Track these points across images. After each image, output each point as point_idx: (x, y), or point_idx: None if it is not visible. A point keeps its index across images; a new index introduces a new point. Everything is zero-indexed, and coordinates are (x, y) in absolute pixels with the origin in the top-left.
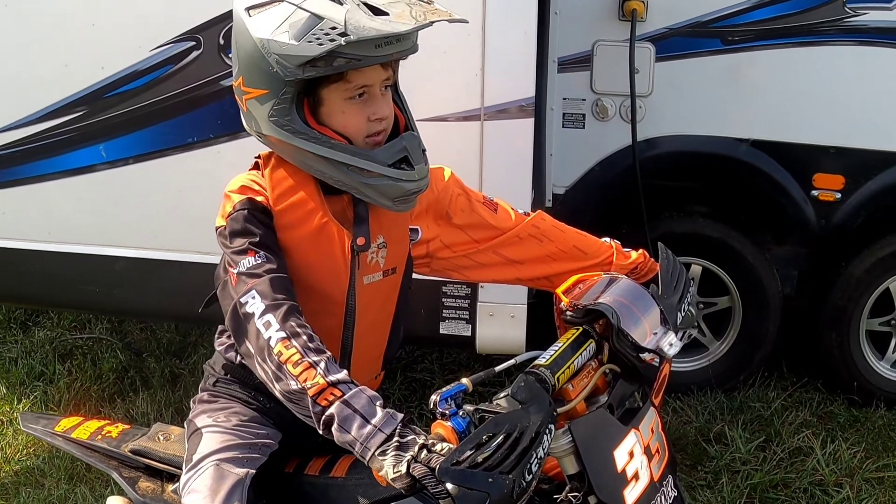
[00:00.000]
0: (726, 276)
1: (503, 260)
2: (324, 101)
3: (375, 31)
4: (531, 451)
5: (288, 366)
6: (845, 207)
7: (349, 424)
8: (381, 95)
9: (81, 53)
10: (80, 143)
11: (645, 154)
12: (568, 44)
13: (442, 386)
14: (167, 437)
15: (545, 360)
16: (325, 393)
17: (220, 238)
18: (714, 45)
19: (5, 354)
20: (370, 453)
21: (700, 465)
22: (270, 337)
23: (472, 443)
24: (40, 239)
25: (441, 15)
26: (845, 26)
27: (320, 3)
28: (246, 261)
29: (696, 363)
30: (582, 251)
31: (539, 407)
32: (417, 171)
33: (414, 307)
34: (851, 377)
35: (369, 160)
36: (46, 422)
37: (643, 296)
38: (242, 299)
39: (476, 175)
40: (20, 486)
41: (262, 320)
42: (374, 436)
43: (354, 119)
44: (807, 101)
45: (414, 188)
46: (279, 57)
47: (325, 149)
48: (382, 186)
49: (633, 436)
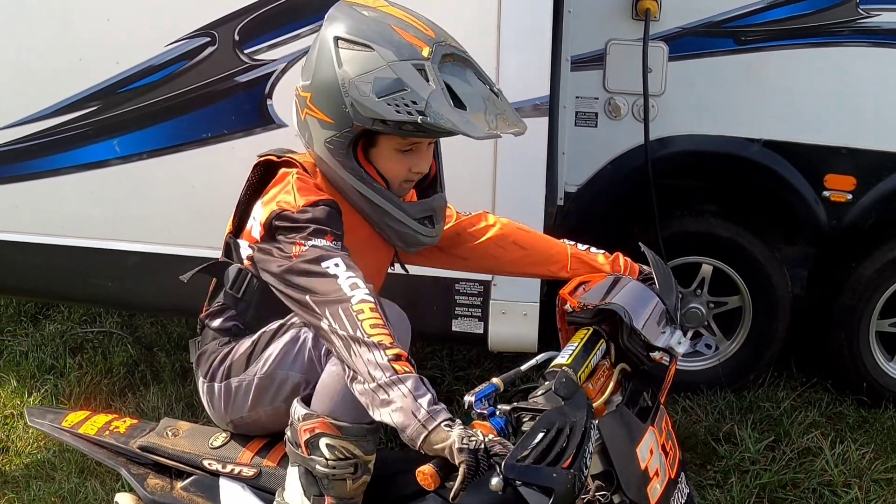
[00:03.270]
0: (737, 276)
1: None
2: (377, 145)
3: (451, 125)
4: (584, 446)
5: (364, 324)
6: (856, 208)
7: (421, 395)
8: (426, 150)
9: (96, 48)
10: (94, 138)
11: (657, 153)
12: (581, 42)
13: (452, 382)
14: (175, 432)
15: (566, 360)
16: (403, 362)
17: (281, 220)
18: (727, 44)
19: (16, 348)
20: (435, 423)
21: (709, 465)
22: (354, 296)
23: (532, 439)
24: (53, 233)
25: (510, 128)
26: (858, 27)
27: (409, 73)
28: (323, 241)
29: (705, 362)
30: (521, 247)
31: (579, 403)
32: (437, 230)
33: (426, 304)
34: (861, 378)
35: (401, 210)
36: (54, 416)
37: (649, 296)
38: (324, 263)
39: (490, 174)
40: (31, 480)
41: (347, 282)
42: (441, 412)
43: (398, 167)
44: (819, 102)
45: (428, 242)
46: (356, 102)
47: (365, 187)
48: (403, 233)
49: (652, 434)
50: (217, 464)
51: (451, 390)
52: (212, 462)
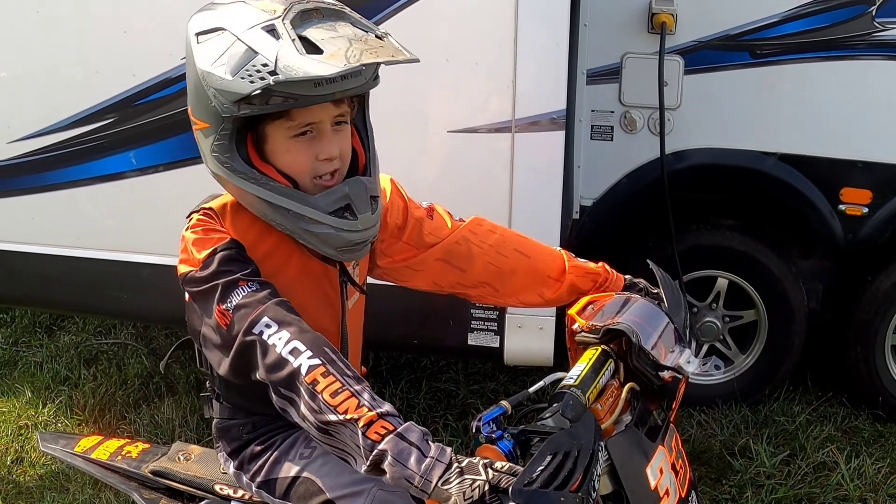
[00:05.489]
0: (752, 290)
1: (441, 266)
2: (267, 139)
3: (303, 73)
4: (591, 469)
5: (324, 395)
6: (872, 222)
7: (406, 458)
8: (333, 133)
9: (112, 60)
10: (110, 150)
11: (673, 167)
12: (597, 56)
13: (467, 395)
14: (187, 456)
15: (574, 381)
16: (376, 426)
17: (189, 286)
18: (743, 58)
19: (31, 359)
20: (432, 485)
21: (724, 479)
22: (301, 364)
23: (539, 463)
24: (68, 244)
25: (382, 55)
26: (874, 40)
27: (258, 37)
28: (238, 292)
29: (721, 377)
30: (524, 254)
31: (587, 425)
32: (361, 221)
33: (442, 318)
34: (876, 392)
35: (308, 206)
36: (66, 441)
37: (658, 315)
38: (255, 329)
39: (506, 187)
40: (45, 491)
41: (286, 347)
42: (434, 467)
43: (300, 158)
44: (835, 115)
45: (357, 239)
46: (216, 91)
47: (264, 191)
48: (324, 235)
49: (661, 453)
50: (228, 489)
51: (467, 404)
52: (223, 487)
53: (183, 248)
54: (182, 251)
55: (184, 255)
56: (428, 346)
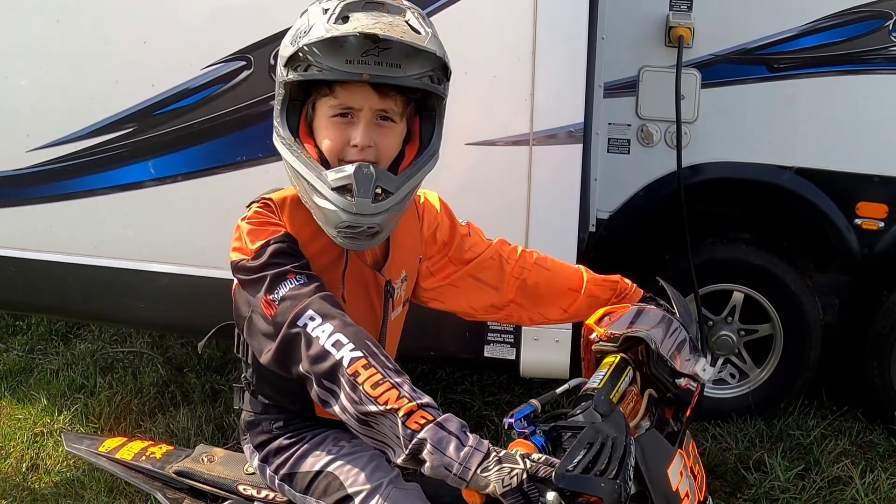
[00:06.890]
0: (768, 304)
1: (478, 284)
2: (316, 114)
3: (315, 35)
4: (626, 460)
5: (365, 387)
6: (888, 236)
7: (445, 447)
8: (374, 125)
9: (132, 71)
10: (129, 160)
11: (689, 180)
12: (614, 69)
13: (482, 407)
14: (211, 458)
15: (598, 384)
16: (416, 416)
17: (240, 273)
18: (760, 72)
19: (46, 366)
20: (471, 472)
21: (739, 493)
22: (343, 357)
23: (578, 451)
24: (86, 253)
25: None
26: (891, 55)
27: (314, 11)
28: (286, 284)
29: (735, 390)
30: (544, 268)
31: (618, 420)
32: (357, 204)
33: (458, 330)
34: (892, 406)
35: (318, 178)
36: (90, 442)
37: (673, 325)
38: (299, 322)
39: (524, 200)
40: (60, 498)
41: (329, 340)
42: (473, 455)
43: (333, 136)
44: (851, 130)
45: (348, 220)
46: (279, 57)
47: (292, 157)
48: (326, 211)
49: (680, 457)
50: (252, 489)
51: (482, 415)
52: (247, 487)
53: (237, 236)
54: (235, 239)
55: (237, 243)
56: (444, 358)
